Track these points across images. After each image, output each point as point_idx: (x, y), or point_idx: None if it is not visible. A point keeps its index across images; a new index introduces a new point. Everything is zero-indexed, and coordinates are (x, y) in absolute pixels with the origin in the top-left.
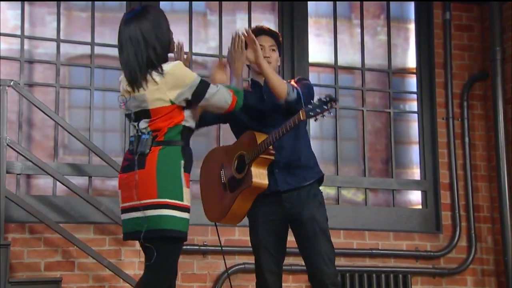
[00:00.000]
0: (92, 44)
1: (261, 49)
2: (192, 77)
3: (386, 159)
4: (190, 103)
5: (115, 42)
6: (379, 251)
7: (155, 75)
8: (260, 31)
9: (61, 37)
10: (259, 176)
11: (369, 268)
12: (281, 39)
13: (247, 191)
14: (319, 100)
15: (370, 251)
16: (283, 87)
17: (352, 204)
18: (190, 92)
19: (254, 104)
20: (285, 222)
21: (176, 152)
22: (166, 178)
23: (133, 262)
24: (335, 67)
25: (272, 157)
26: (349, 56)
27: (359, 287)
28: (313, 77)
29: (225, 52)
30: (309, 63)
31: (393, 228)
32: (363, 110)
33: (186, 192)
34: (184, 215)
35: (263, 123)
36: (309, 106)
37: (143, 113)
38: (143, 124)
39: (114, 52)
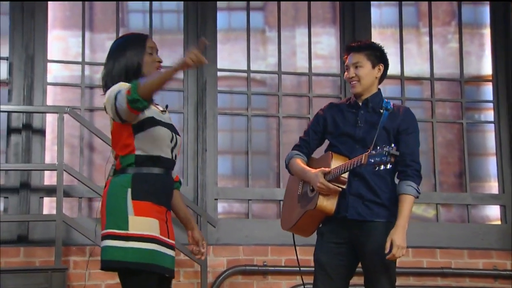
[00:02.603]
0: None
1: (347, 70)
2: (116, 88)
3: (459, 173)
4: (138, 125)
5: (173, 64)
6: (451, 270)
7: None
8: (347, 50)
9: None
10: (326, 200)
11: None
12: (374, 45)
13: (312, 212)
14: (384, 149)
15: (442, 270)
16: (412, 201)
17: (422, 221)
18: (109, 103)
19: (347, 127)
20: (351, 247)
21: (124, 180)
22: (110, 209)
23: (192, 283)
24: (401, 78)
25: (343, 186)
26: (417, 66)
27: None
28: None
29: (284, 68)
30: None
31: (468, 246)
32: (432, 122)
33: (134, 220)
34: (131, 244)
35: (352, 149)
36: (373, 151)
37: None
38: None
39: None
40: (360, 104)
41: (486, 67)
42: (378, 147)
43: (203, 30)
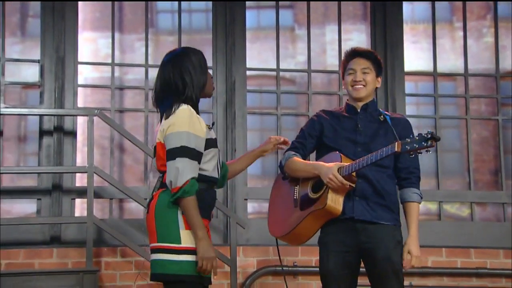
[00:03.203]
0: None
1: (352, 73)
2: (180, 129)
3: (494, 170)
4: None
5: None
6: (487, 270)
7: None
8: (353, 53)
9: (149, 62)
10: (335, 200)
11: None
12: (378, 56)
13: (318, 212)
14: (420, 135)
15: (477, 270)
16: (418, 208)
17: (456, 220)
18: (167, 143)
19: (346, 132)
20: (358, 255)
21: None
22: (161, 222)
23: (222, 284)
24: (434, 75)
25: (353, 185)
26: (450, 62)
27: None
28: (410, 86)
29: (314, 66)
30: (405, 72)
31: (504, 245)
32: (466, 119)
33: (185, 234)
34: (183, 257)
35: (353, 152)
36: (407, 139)
37: (154, 149)
38: (154, 162)
39: None
40: (359, 110)
41: None
42: (411, 135)
43: (232, 29)
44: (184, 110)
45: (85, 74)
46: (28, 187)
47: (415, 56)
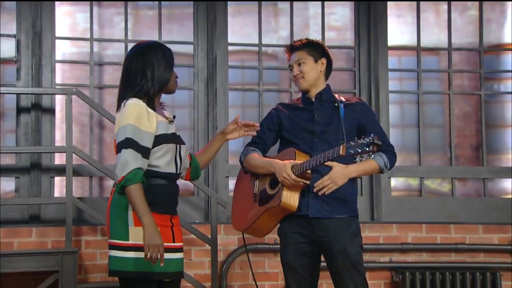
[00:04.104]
0: (160, 42)
1: (291, 69)
2: (124, 122)
3: (476, 146)
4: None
5: (183, 39)
6: (466, 246)
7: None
8: (287, 50)
9: (129, 37)
10: (290, 197)
11: (455, 264)
12: (313, 41)
13: (274, 209)
14: (364, 139)
15: (456, 246)
16: (375, 169)
17: (436, 195)
18: (116, 138)
19: (303, 122)
20: (316, 246)
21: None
22: (112, 219)
23: (203, 261)
24: (417, 49)
25: (308, 182)
26: (434, 36)
27: (441, 285)
28: (393, 61)
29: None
30: (389, 46)
31: (483, 221)
32: (449, 94)
33: (134, 231)
34: (128, 254)
35: (310, 143)
36: (351, 143)
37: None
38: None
39: (182, 49)
40: (313, 100)
41: (507, 35)
42: (356, 138)
43: (213, 3)
44: (131, 105)
45: (63, 49)
46: (6, 165)
47: (399, 30)
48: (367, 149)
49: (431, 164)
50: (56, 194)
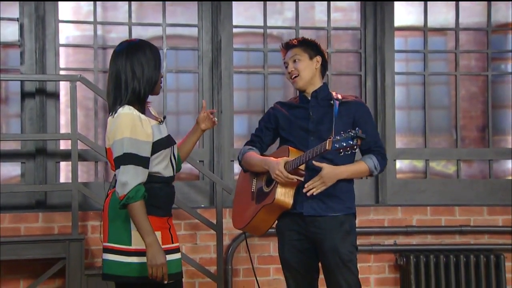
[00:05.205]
0: (164, 25)
1: (286, 66)
2: (120, 136)
3: (482, 127)
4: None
5: (188, 22)
6: (470, 228)
7: (115, 114)
8: (282, 48)
9: (133, 20)
10: (284, 194)
11: (459, 246)
12: (308, 40)
13: (269, 206)
14: (348, 133)
15: (460, 228)
16: (365, 171)
17: (441, 177)
18: (112, 151)
19: (299, 121)
20: (310, 242)
21: None
22: (112, 222)
23: (209, 245)
24: (424, 30)
25: (301, 179)
26: (441, 15)
27: (445, 267)
28: (400, 42)
29: (302, 23)
30: (395, 27)
31: (488, 203)
32: (456, 75)
33: (136, 235)
34: (131, 259)
35: (306, 142)
36: (337, 137)
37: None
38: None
39: (187, 32)
40: (309, 98)
41: None
42: (342, 132)
43: None
44: (125, 115)
45: (66, 33)
46: (12, 150)
47: (405, 10)
48: (351, 142)
49: (437, 146)
50: (62, 178)
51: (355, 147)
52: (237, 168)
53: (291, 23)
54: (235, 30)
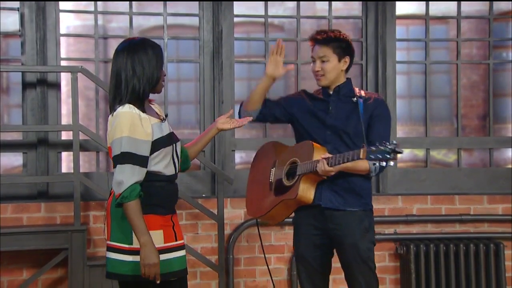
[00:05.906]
0: (165, 14)
1: (313, 61)
2: (119, 134)
3: (483, 115)
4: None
5: (189, 11)
6: (470, 217)
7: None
8: (312, 41)
9: (134, 10)
10: (306, 190)
11: (459, 235)
12: (340, 37)
13: (290, 201)
14: (386, 146)
15: (460, 217)
16: (365, 170)
17: (442, 166)
18: (112, 149)
19: (319, 113)
20: (328, 238)
21: None
22: (115, 221)
23: (210, 235)
24: (426, 18)
25: (325, 177)
26: (443, 4)
27: (445, 256)
28: (401, 31)
29: (303, 12)
30: (396, 15)
31: (488, 191)
32: (457, 64)
33: None
34: (131, 258)
35: (323, 135)
36: (372, 148)
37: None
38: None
39: (188, 21)
40: (331, 92)
41: None
42: (377, 144)
43: None
44: (124, 114)
45: (67, 22)
46: (13, 141)
47: None
48: (388, 156)
49: (438, 134)
50: (64, 169)
51: (391, 162)
52: (238, 157)
53: (293, 12)
54: (236, 19)
